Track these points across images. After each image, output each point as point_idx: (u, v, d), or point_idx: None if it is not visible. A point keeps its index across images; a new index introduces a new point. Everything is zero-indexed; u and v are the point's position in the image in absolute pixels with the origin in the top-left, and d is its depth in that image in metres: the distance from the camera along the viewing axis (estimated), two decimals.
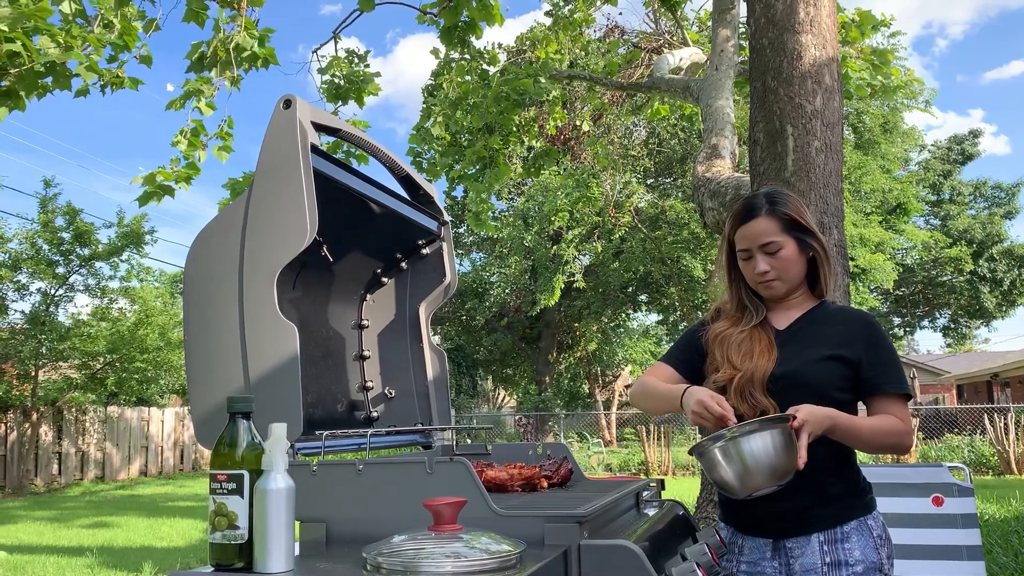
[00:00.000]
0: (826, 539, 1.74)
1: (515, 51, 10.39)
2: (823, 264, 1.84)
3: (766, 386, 1.77)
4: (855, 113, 21.42)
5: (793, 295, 1.87)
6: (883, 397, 1.77)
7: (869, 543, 1.74)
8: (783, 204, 1.82)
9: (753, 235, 1.82)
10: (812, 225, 1.83)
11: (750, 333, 1.84)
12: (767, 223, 1.81)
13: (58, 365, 16.27)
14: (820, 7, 4.09)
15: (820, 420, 1.62)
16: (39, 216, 15.54)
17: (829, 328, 1.82)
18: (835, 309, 1.87)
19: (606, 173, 17.56)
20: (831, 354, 1.77)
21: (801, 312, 1.87)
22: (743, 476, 1.56)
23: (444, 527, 1.26)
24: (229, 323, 1.67)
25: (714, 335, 1.89)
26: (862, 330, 1.80)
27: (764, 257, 1.81)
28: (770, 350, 1.81)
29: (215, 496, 1.25)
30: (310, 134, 1.72)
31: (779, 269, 1.81)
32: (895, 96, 11.71)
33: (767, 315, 1.88)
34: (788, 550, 1.78)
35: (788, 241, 1.81)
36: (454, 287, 2.40)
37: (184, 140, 6.40)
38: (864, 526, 1.76)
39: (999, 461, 13.95)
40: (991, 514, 7.38)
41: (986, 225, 27.76)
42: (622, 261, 21.55)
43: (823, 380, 1.75)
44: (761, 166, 4.09)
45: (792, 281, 1.84)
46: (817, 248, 1.82)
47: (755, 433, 1.55)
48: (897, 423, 1.74)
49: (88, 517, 11.12)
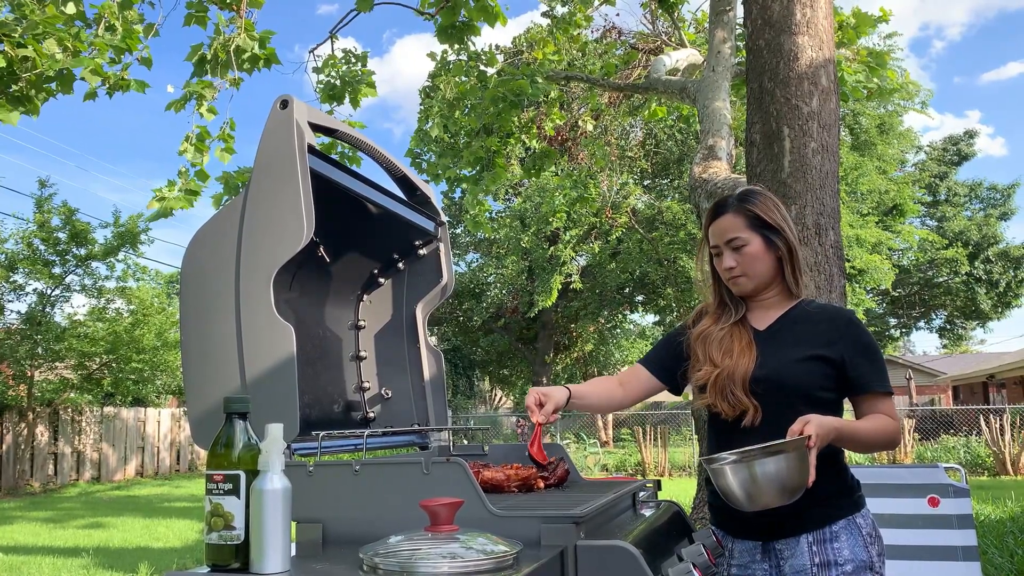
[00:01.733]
0: (815, 539, 1.75)
1: (512, 52, 10.39)
2: (787, 263, 1.84)
3: (747, 386, 1.77)
4: (851, 114, 21.46)
5: (766, 294, 1.88)
6: (871, 396, 1.78)
7: (858, 542, 1.74)
8: (751, 202, 1.84)
9: (720, 231, 1.85)
10: (781, 223, 1.84)
11: (730, 331, 1.86)
12: (733, 219, 1.84)
13: (54, 365, 16.23)
14: (817, 8, 4.10)
15: (828, 432, 1.62)
16: (35, 216, 15.51)
17: (809, 327, 1.82)
18: (815, 308, 1.87)
19: (603, 174, 17.56)
20: (812, 354, 1.77)
21: (780, 312, 1.87)
22: (753, 495, 1.57)
23: (441, 528, 1.26)
24: (226, 323, 1.67)
25: (696, 334, 1.91)
26: (843, 328, 1.80)
27: (730, 253, 1.84)
28: (750, 348, 1.81)
29: (211, 496, 1.25)
30: (307, 134, 1.72)
31: (744, 265, 1.83)
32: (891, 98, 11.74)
33: (747, 315, 1.89)
34: (778, 552, 1.78)
35: (753, 238, 1.82)
36: (451, 288, 2.40)
37: (191, 147, 6.41)
38: (853, 525, 1.76)
39: (995, 462, 13.98)
40: (986, 515, 7.39)
41: (982, 226, 27.83)
42: (619, 262, 21.55)
43: (805, 381, 1.76)
44: (758, 167, 4.09)
45: (759, 278, 1.84)
46: (782, 247, 1.83)
47: (768, 457, 1.54)
48: (889, 422, 1.76)
49: (84, 518, 11.09)
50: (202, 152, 6.51)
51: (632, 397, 2.00)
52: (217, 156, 6.61)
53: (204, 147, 6.53)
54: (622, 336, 26.56)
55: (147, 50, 5.80)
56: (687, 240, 20.02)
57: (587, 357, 26.14)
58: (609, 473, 15.48)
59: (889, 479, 3.47)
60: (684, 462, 16.14)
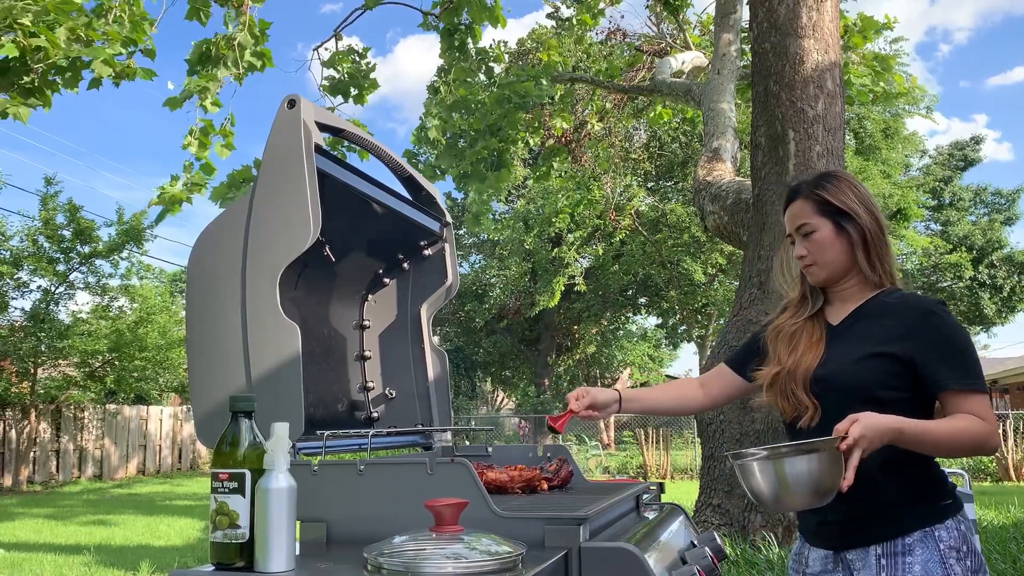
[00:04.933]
0: (883, 551, 1.60)
1: (516, 54, 10.39)
2: (860, 249, 1.71)
3: (808, 385, 1.68)
4: (856, 118, 21.45)
5: (844, 284, 1.76)
6: (953, 394, 1.59)
7: (934, 556, 1.57)
8: (822, 186, 1.74)
9: (792, 217, 1.78)
10: (856, 208, 1.71)
11: (802, 325, 1.78)
12: (802, 205, 1.75)
13: (57, 363, 16.26)
14: (823, 12, 4.10)
15: (882, 433, 1.48)
16: (40, 213, 15.54)
17: (881, 322, 1.69)
18: (893, 299, 1.71)
19: (607, 176, 17.56)
20: (876, 351, 1.64)
21: (856, 305, 1.75)
22: (780, 494, 1.47)
23: (445, 528, 1.26)
24: (231, 322, 1.68)
25: (772, 330, 1.83)
26: (919, 321, 1.63)
27: (801, 240, 1.75)
28: (817, 345, 1.72)
29: (216, 495, 1.25)
30: (314, 134, 1.72)
31: (814, 253, 1.73)
32: (897, 102, 11.72)
33: (825, 308, 1.79)
34: (849, 562, 1.67)
35: (823, 223, 1.72)
36: (456, 288, 2.40)
37: (194, 141, 6.41)
38: (930, 537, 1.58)
39: (998, 468, 13.96)
40: (989, 520, 7.37)
41: (986, 231, 27.78)
42: (622, 264, 21.55)
43: (864, 381, 1.63)
44: (762, 170, 4.09)
45: (830, 266, 1.73)
46: (853, 233, 1.71)
47: (799, 456, 1.45)
48: (974, 423, 1.56)
49: (86, 515, 11.11)
50: (206, 146, 6.52)
51: (714, 398, 1.93)
52: (216, 151, 6.60)
53: (207, 140, 6.54)
54: (624, 338, 26.54)
55: (150, 41, 5.78)
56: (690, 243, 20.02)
57: (589, 359, 26.12)
58: (612, 476, 15.47)
59: None
60: (686, 465, 16.12)
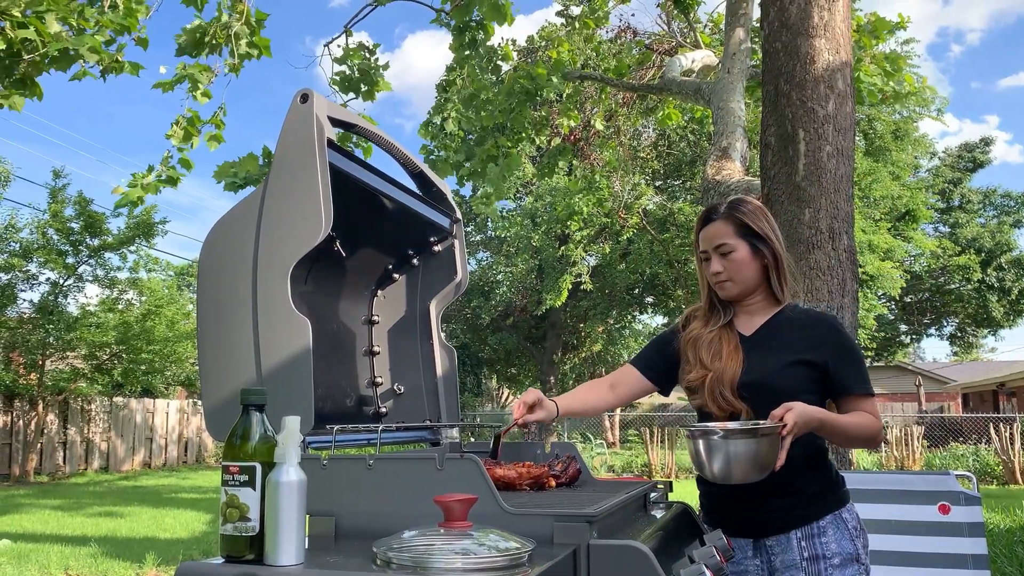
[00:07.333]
0: (803, 535, 1.85)
1: (526, 51, 10.37)
2: (772, 270, 1.92)
3: (736, 390, 1.86)
4: (866, 119, 21.35)
5: (752, 300, 1.96)
6: (853, 397, 1.87)
7: (845, 535, 1.85)
8: (740, 210, 1.92)
9: (709, 237, 1.94)
10: (769, 233, 1.92)
11: (719, 333, 1.95)
12: (722, 226, 1.92)
13: (65, 355, 16.34)
14: (834, 11, 4.08)
15: (809, 421, 1.71)
16: (49, 206, 15.60)
17: (792, 333, 1.91)
18: (797, 313, 1.95)
19: (615, 175, 17.53)
20: (797, 359, 1.86)
21: (764, 318, 1.95)
22: (723, 470, 1.67)
23: (454, 524, 1.26)
24: (243, 316, 1.68)
25: (687, 338, 2.00)
26: (826, 334, 1.89)
27: (718, 258, 1.92)
28: (737, 353, 1.90)
29: (227, 488, 1.25)
30: (327, 129, 1.72)
31: (731, 271, 1.91)
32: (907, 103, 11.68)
33: (734, 320, 1.98)
34: (768, 548, 1.88)
35: (740, 244, 1.90)
36: (465, 285, 2.41)
37: (180, 131, 6.28)
38: (839, 519, 1.86)
39: (1004, 471, 13.90)
40: (995, 523, 7.35)
41: (995, 234, 27.65)
42: (629, 263, 21.51)
43: (791, 385, 1.83)
44: (772, 170, 4.08)
45: (744, 283, 1.92)
46: (767, 255, 1.91)
47: (749, 438, 1.66)
48: (872, 420, 1.86)
49: (92, 507, 11.17)
50: (192, 136, 6.38)
51: (623, 399, 2.07)
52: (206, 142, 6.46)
53: (195, 131, 6.41)
54: (631, 337, 26.49)
55: (144, 29, 5.67)
56: None
57: (595, 357, 26.09)
58: (617, 474, 15.46)
59: (899, 485, 3.45)
60: (690, 465, 16.07)
